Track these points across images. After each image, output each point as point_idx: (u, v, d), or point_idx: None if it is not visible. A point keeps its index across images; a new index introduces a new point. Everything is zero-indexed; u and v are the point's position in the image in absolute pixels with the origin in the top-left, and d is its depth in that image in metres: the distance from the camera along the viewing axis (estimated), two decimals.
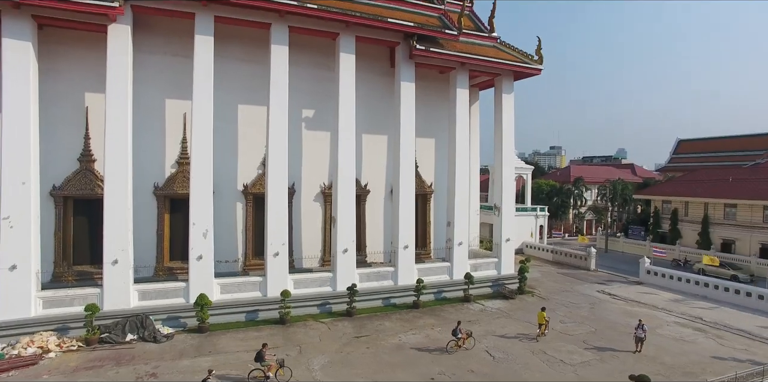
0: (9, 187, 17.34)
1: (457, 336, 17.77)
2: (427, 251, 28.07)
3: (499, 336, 19.59)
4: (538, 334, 19.62)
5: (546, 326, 19.72)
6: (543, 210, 42.24)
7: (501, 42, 27.79)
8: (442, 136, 27.74)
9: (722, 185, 34.36)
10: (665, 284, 28.31)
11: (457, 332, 17.79)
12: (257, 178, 23.88)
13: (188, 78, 20.55)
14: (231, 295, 20.76)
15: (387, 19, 22.49)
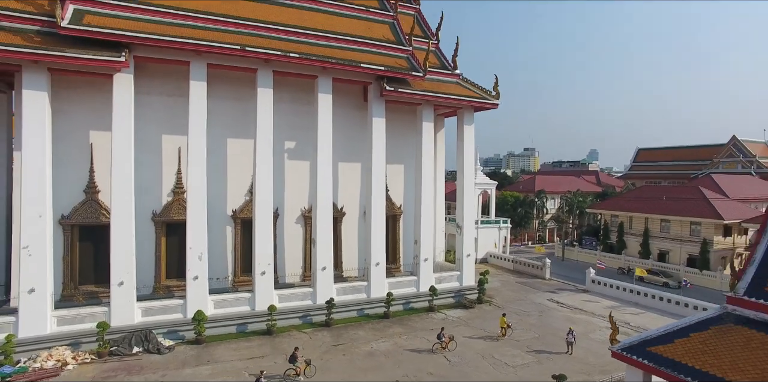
0: (28, 220, 19.80)
1: (440, 339, 21.43)
2: (397, 265, 31.28)
3: (457, 344, 22.89)
4: (499, 335, 23.41)
5: (506, 329, 23.51)
6: (506, 222, 45.98)
7: (463, 78, 31.20)
8: (410, 163, 30.97)
9: (659, 202, 38.64)
10: (607, 292, 32.21)
11: (441, 337, 21.49)
12: (245, 204, 26.68)
13: (183, 115, 23.30)
14: (223, 310, 23.55)
15: (360, 64, 25.61)
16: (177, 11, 23.32)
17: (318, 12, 28.38)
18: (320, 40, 26.42)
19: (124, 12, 22.19)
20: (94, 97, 23.09)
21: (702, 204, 35.88)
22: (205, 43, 22.12)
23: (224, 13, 24.63)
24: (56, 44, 20.06)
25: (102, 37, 20.35)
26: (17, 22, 20.40)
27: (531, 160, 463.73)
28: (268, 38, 24.78)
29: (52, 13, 20.97)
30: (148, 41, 21.19)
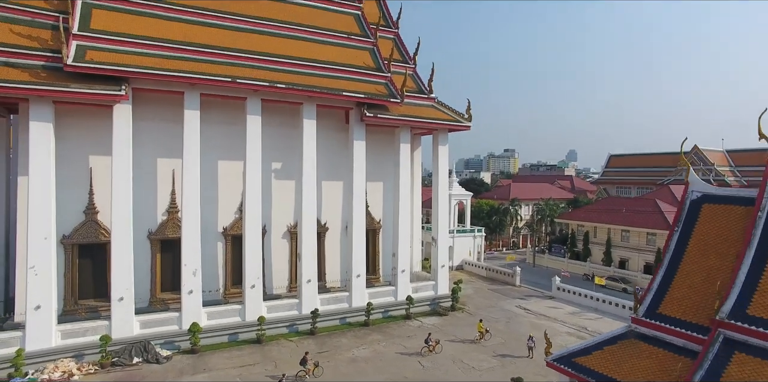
0: (34, 242, 21.43)
1: (428, 344, 24.00)
2: (377, 276, 33.49)
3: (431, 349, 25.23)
4: (477, 338, 26.25)
5: (484, 333, 26.34)
6: (480, 231, 48.61)
7: (438, 102, 33.64)
8: (389, 180, 33.19)
9: (620, 214, 41.72)
10: (570, 299, 34.98)
11: (428, 341, 24.11)
12: (234, 221, 28.57)
13: (176, 140, 25.14)
14: (216, 321, 25.45)
15: (342, 92, 27.79)
16: (171, 44, 25.19)
17: (304, 40, 30.49)
18: (305, 68, 28.53)
19: (123, 46, 23.96)
20: (93, 123, 24.72)
21: (657, 216, 39.01)
22: (198, 76, 24.04)
23: (216, 45, 26.58)
24: (61, 79, 21.77)
25: (104, 73, 22.12)
26: (25, 58, 22.06)
27: (511, 161, 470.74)
28: (257, 68, 26.78)
29: (56, 48, 22.78)
30: (146, 75, 23.03)
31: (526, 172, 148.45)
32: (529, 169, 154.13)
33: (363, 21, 34.80)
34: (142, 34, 24.95)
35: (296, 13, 32.12)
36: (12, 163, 28.24)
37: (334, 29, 32.43)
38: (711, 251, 11.88)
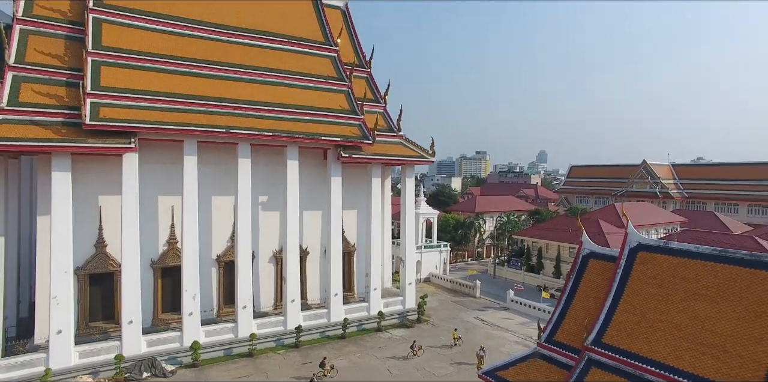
0: (56, 276, 24.89)
1: (413, 349, 29.48)
2: (352, 293, 37.74)
3: (398, 358, 29.67)
4: (452, 344, 31.74)
5: (457, 340, 31.79)
6: (446, 246, 53.40)
7: (405, 139, 38.15)
8: (362, 208, 37.46)
9: (568, 233, 47.09)
10: (522, 310, 40.00)
11: (413, 347, 29.49)
12: (227, 249, 32.40)
13: (176, 179, 28.87)
14: (212, 338, 29.27)
15: (321, 136, 31.99)
16: (172, 98, 28.87)
17: (288, 86, 34.49)
18: (289, 114, 32.59)
19: (130, 101, 27.54)
20: (102, 167, 28.18)
21: (599, 236, 44.43)
22: (197, 128, 27.86)
23: (212, 96, 30.35)
24: (79, 134, 25.31)
25: (116, 129, 25.75)
26: (47, 116, 25.51)
27: (482, 163, 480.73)
28: (248, 116, 30.71)
29: (72, 105, 26.34)
30: (152, 129, 26.76)
31: (495, 180, 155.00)
32: (498, 176, 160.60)
33: (339, 63, 38.95)
34: (146, 88, 28.57)
35: (282, 59, 36.07)
36: (22, 200, 31.45)
37: (314, 74, 36.51)
38: (591, 296, 16.55)
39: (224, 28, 35.16)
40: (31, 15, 29.28)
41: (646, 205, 64.01)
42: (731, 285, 13.27)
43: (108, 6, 31.31)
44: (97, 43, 28.87)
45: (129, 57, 29.43)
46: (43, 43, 28.74)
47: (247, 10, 37.77)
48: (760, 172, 77.14)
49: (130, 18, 31.69)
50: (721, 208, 79.58)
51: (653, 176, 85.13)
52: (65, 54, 29.03)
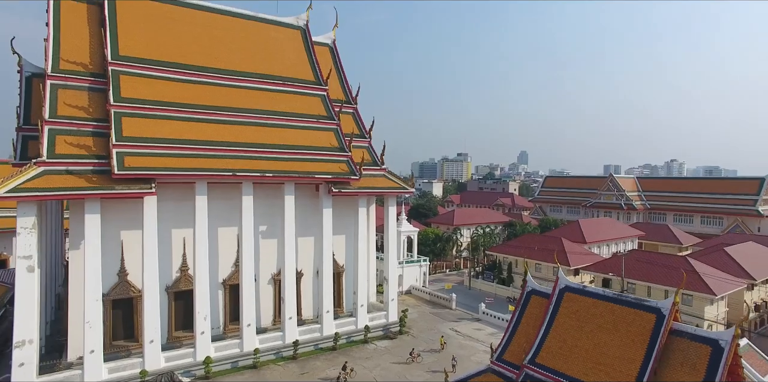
0: (90, 304, 29.01)
1: (411, 355, 34.74)
2: (341, 308, 42.40)
3: (382, 368, 34.47)
4: (441, 349, 37.07)
5: (444, 345, 37.27)
6: (425, 260, 58.36)
7: (388, 171, 42.96)
8: (350, 234, 42.10)
9: (534, 251, 52.48)
10: (492, 321, 45.14)
11: (412, 354, 34.75)
12: (231, 273, 36.74)
13: (186, 214, 33.18)
14: (221, 353, 33.64)
15: (314, 175, 36.59)
16: (186, 144, 33.11)
17: (284, 127, 38.91)
18: (286, 154, 37.06)
19: (150, 149, 31.73)
20: (123, 206, 32.26)
21: (561, 254, 49.91)
22: (207, 172, 32.23)
23: (218, 140, 34.65)
24: (108, 181, 29.47)
25: (139, 177, 29.99)
26: (79, 166, 29.60)
27: (464, 165, 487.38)
28: (250, 158, 35.12)
29: (99, 154, 30.48)
30: (170, 176, 31.05)
31: (475, 187, 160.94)
32: (477, 183, 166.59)
33: (328, 102, 43.53)
34: (162, 136, 32.77)
35: (278, 100, 40.49)
36: (45, 230, 35.35)
37: (307, 114, 41.03)
38: (531, 324, 21.46)
39: (226, 72, 39.49)
40: (58, 70, 33.24)
41: (606, 220, 70.01)
42: (622, 320, 18.33)
43: (123, 58, 35.41)
44: (117, 95, 32.98)
45: (145, 107, 33.59)
46: (70, 96, 32.76)
47: (246, 52, 42.18)
48: (711, 187, 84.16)
49: (143, 68, 35.79)
50: (678, 218, 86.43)
51: (619, 189, 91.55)
52: (90, 105, 33.10)
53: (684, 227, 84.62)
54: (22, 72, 37.48)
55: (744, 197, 78.20)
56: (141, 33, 38.01)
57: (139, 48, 36.86)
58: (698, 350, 16.31)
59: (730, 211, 78.67)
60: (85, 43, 36.16)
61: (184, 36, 40.33)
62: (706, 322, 38.17)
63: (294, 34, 48.15)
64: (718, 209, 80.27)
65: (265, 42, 45.01)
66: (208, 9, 43.92)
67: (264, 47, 44.43)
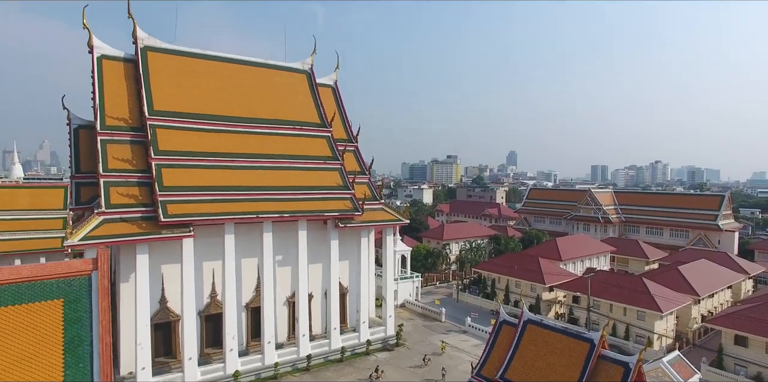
0: (141, 329, 34.90)
1: (424, 360, 41.23)
2: (346, 324, 48.61)
3: (384, 377, 40.73)
4: (441, 353, 43.81)
5: (444, 348, 43.87)
6: (418, 276, 64.75)
7: (385, 204, 49.23)
8: (353, 259, 48.30)
9: (514, 270, 59.10)
10: (477, 334, 51.63)
11: (424, 360, 41.57)
12: (252, 298, 42.79)
13: (215, 248, 39.07)
14: (246, 366, 39.71)
15: (324, 213, 42.76)
16: (216, 191, 39.08)
17: (296, 169, 44.94)
18: (299, 195, 43.12)
19: (188, 197, 37.63)
20: (165, 245, 38.17)
21: (537, 273, 56.58)
22: (237, 216, 38.27)
23: (242, 185, 40.56)
24: (154, 226, 35.40)
25: (181, 223, 35.95)
26: (130, 214, 35.50)
27: (453, 167, 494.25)
28: (269, 201, 41.14)
29: (145, 202, 36.39)
30: (206, 221, 37.05)
31: (464, 196, 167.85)
32: (466, 191, 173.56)
33: (333, 143, 49.65)
34: (196, 184, 38.68)
35: (290, 144, 46.42)
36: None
37: (315, 156, 47.11)
38: (502, 348, 27.76)
39: (244, 120, 45.48)
40: (105, 127, 39.08)
41: (582, 237, 76.97)
42: (566, 347, 24.78)
43: (158, 112, 41.30)
44: (156, 149, 38.84)
45: (180, 158, 39.49)
46: (117, 150, 38.58)
47: (260, 98, 48.25)
48: (679, 202, 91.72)
49: (175, 121, 41.68)
50: (650, 231, 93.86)
51: (597, 203, 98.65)
52: (133, 157, 38.95)
53: (655, 238, 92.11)
54: (71, 124, 43.47)
55: (706, 212, 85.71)
56: (170, 87, 43.90)
57: (169, 101, 42.77)
58: (616, 370, 22.82)
59: (694, 225, 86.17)
60: (124, 100, 42.00)
61: (206, 87, 46.28)
62: (656, 335, 45.05)
63: (300, 78, 54.23)
64: (684, 223, 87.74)
65: (275, 88, 51.05)
66: (225, 60, 49.89)
67: (275, 93, 50.47)
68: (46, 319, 10.72)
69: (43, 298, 10.88)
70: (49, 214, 66.87)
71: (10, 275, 10.79)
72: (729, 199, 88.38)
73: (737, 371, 38.50)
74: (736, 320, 39.09)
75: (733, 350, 39.19)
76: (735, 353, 39.00)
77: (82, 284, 11.18)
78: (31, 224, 64.73)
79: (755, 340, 37.61)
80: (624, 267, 74.95)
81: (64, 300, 10.96)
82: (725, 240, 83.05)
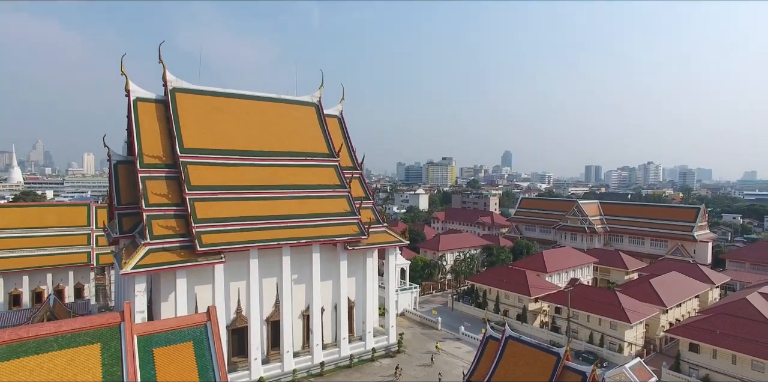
0: None
1: (432, 359, 45.83)
2: (353, 334, 54.58)
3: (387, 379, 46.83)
4: (437, 353, 49.28)
5: (439, 349, 49.48)
6: (416, 287, 70.81)
7: (387, 227, 55.26)
8: (359, 275, 54.28)
9: (503, 282, 65.24)
10: (469, 341, 57.71)
11: (432, 359, 46.15)
12: (271, 313, 48.67)
13: (240, 270, 44.90)
14: (269, 373, 45.65)
15: (335, 238, 48.72)
16: (241, 221, 44.96)
17: (310, 198, 50.90)
18: (312, 222, 49.06)
19: (219, 227, 43.52)
20: (198, 268, 44.03)
21: (524, 286, 62.72)
22: (261, 243, 44.18)
23: (264, 215, 46.48)
24: (191, 254, 41.26)
25: (214, 251, 41.83)
26: (170, 243, 41.33)
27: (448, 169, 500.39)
28: (287, 228, 47.05)
29: (181, 233, 42.22)
30: (235, 249, 42.94)
31: (458, 203, 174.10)
32: (461, 197, 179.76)
33: (340, 172, 55.59)
34: (225, 215, 44.57)
35: (303, 175, 52.36)
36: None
37: (325, 185, 53.06)
38: (488, 359, 33.77)
39: (262, 154, 51.40)
40: (144, 165, 44.86)
41: (566, 250, 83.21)
42: (538, 360, 30.77)
43: (188, 150, 47.13)
44: (189, 184, 44.68)
45: (210, 193, 45.36)
46: (154, 186, 44.38)
47: (274, 131, 54.14)
48: (659, 213, 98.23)
49: (203, 158, 47.53)
50: (632, 240, 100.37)
51: (583, 214, 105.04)
52: (168, 192, 44.76)
53: (637, 247, 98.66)
54: (111, 160, 49.16)
55: (683, 223, 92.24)
56: (196, 125, 49.76)
57: (197, 139, 48.62)
58: (576, 377, 28.91)
59: (672, 235, 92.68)
60: (157, 139, 47.81)
61: (228, 122, 52.19)
62: (626, 343, 51.31)
63: (309, 110, 60.19)
64: (663, 234, 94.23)
65: (288, 121, 56.94)
66: (243, 96, 55.82)
67: (288, 126, 56.38)
68: (185, 353, 16.47)
69: (182, 340, 16.61)
70: (74, 230, 72.68)
71: (145, 329, 16.51)
72: (704, 211, 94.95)
73: (690, 374, 44.79)
74: (689, 330, 45.41)
75: (687, 355, 45.49)
76: (689, 358, 45.33)
77: (203, 330, 16.89)
78: (59, 240, 70.44)
79: (705, 347, 43.91)
80: (606, 276, 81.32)
81: (193, 341, 16.64)
82: (700, 250, 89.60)
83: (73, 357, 14.30)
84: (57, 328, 14.68)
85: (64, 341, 14.45)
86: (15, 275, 63.91)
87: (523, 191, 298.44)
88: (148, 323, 17.35)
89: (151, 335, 16.60)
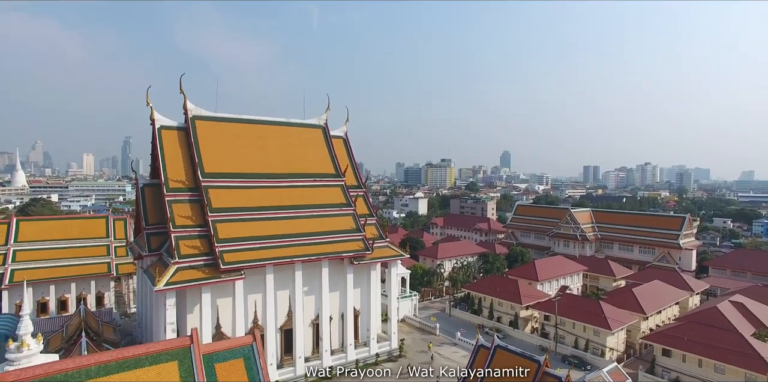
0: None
1: (432, 358, 50.17)
2: (358, 340, 59.48)
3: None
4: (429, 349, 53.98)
5: (431, 348, 54.11)
6: (416, 295, 75.72)
7: (390, 242, 60.15)
8: (363, 286, 59.14)
9: (497, 291, 70.13)
10: (465, 346, 62.58)
11: (432, 357, 50.34)
12: (284, 321, 53.58)
13: (257, 283, 49.76)
14: (283, 377, 50.56)
15: (342, 254, 53.62)
16: (259, 240, 49.84)
17: (319, 217, 55.76)
18: (320, 239, 53.92)
19: (239, 246, 48.39)
20: (220, 284, 48.88)
21: (516, 294, 67.62)
22: (277, 261, 49.07)
23: (278, 234, 51.36)
24: (214, 271, 46.13)
25: (235, 269, 46.71)
26: (195, 262, 46.19)
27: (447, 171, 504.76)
28: (299, 245, 51.92)
29: (204, 251, 47.10)
30: (253, 266, 47.83)
31: (457, 208, 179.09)
32: (459, 202, 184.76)
33: (346, 191, 60.45)
34: (244, 235, 49.45)
35: (311, 195, 57.19)
36: None
37: (332, 204, 57.93)
38: (479, 365, 38.73)
39: (275, 176, 56.27)
40: (169, 189, 49.71)
41: (558, 259, 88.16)
42: (522, 366, 35.72)
43: (209, 174, 52.01)
44: (210, 207, 49.54)
45: (230, 214, 50.24)
46: (180, 209, 49.24)
47: (284, 153, 59.04)
48: (647, 222, 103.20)
49: (222, 181, 52.42)
50: (622, 247, 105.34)
51: (575, 222, 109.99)
52: (192, 214, 49.61)
53: (626, 254, 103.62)
54: (138, 184, 54.03)
55: (669, 232, 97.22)
56: (215, 150, 54.62)
57: (216, 164, 53.48)
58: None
59: (659, 243, 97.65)
60: (180, 164, 52.66)
61: (243, 146, 57.05)
62: (607, 348, 56.24)
63: (316, 132, 65.05)
64: (650, 242, 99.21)
65: (297, 143, 61.79)
66: (256, 121, 60.71)
67: (297, 148, 61.23)
68: (238, 368, 21.27)
69: (235, 357, 21.38)
70: (95, 241, 77.54)
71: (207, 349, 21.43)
72: (690, 220, 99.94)
73: (663, 376, 49.74)
74: (662, 337, 50.36)
75: (661, 360, 50.45)
76: (662, 362, 50.28)
77: (250, 348, 21.66)
78: (82, 251, 75.29)
79: (675, 352, 48.86)
80: (595, 283, 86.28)
81: (243, 358, 21.41)
82: (685, 257, 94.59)
83: (159, 371, 19.04)
84: (146, 349, 19.46)
85: (152, 359, 19.26)
86: (43, 284, 68.72)
87: (521, 193, 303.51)
88: (209, 344, 22.12)
89: (212, 353, 21.33)
